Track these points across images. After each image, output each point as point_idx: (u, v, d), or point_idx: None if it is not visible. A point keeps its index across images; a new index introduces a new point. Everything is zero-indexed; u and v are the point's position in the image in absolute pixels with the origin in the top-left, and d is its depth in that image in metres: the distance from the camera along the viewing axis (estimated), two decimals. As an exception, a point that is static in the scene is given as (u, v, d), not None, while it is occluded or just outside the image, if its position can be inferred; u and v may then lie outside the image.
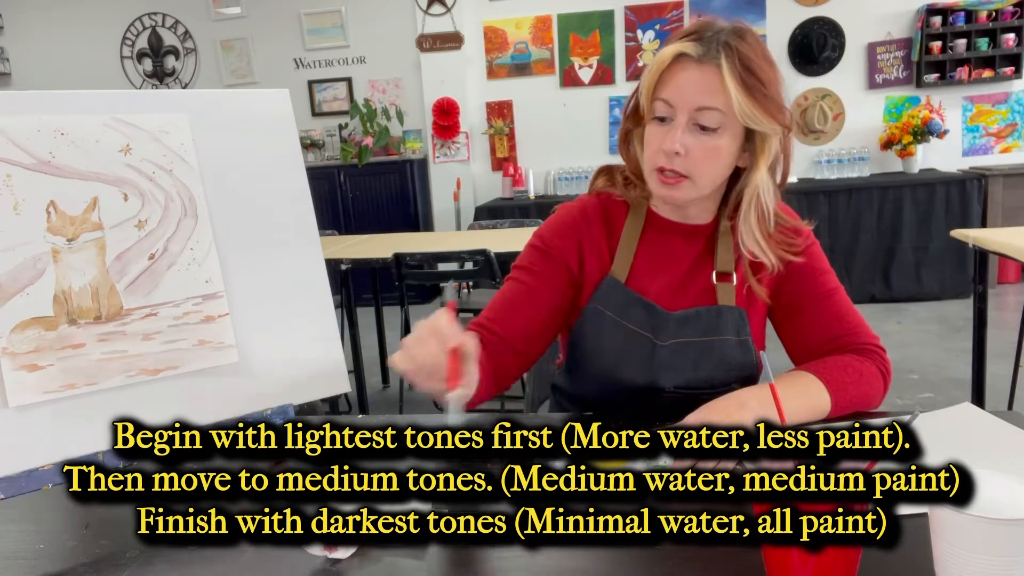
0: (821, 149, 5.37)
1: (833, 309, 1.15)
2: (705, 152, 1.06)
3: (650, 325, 1.14)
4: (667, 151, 1.06)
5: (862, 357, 1.12)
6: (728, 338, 1.14)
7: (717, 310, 1.14)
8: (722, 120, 1.05)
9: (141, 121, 0.97)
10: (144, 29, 6.10)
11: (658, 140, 1.08)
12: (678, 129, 1.05)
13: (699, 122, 1.05)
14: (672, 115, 1.06)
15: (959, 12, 5.09)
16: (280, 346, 1.04)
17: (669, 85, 1.06)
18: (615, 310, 1.15)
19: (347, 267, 3.14)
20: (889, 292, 4.91)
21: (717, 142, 1.06)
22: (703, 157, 1.06)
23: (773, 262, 1.13)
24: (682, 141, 1.05)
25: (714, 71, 1.03)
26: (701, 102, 1.04)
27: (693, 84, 1.04)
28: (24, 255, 0.88)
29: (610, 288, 1.16)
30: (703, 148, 1.06)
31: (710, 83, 1.03)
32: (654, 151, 1.09)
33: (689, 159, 1.06)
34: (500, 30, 5.68)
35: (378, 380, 3.96)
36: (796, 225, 1.17)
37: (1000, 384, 2.97)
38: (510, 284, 1.19)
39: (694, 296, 1.16)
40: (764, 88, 1.04)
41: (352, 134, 5.75)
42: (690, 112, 1.05)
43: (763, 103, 1.04)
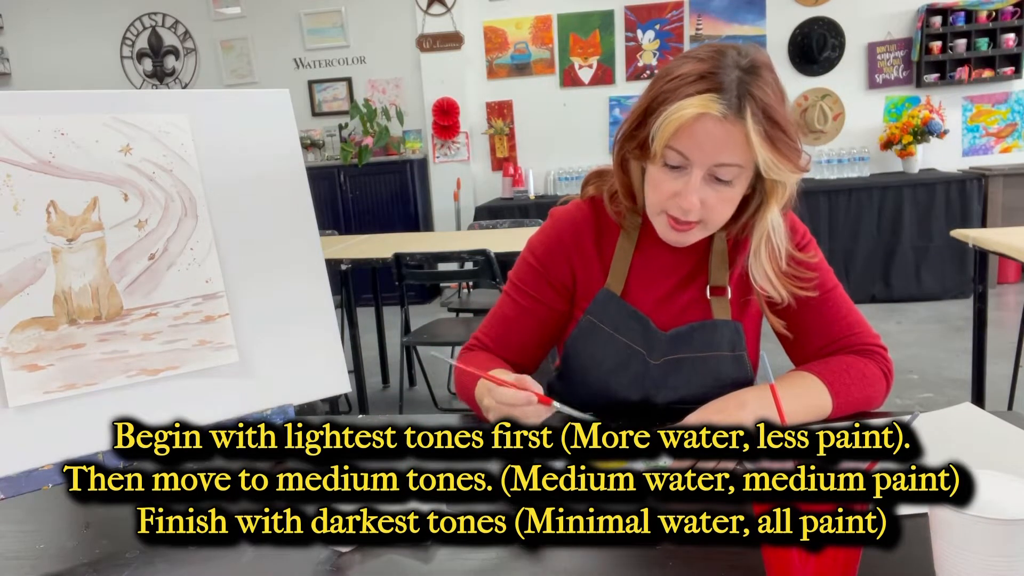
0: (821, 149, 5.37)
1: (833, 309, 1.14)
2: (719, 201, 1.02)
3: (644, 341, 1.13)
4: (684, 208, 1.01)
5: (864, 358, 1.11)
6: (723, 354, 1.13)
7: (712, 325, 1.13)
8: (739, 173, 1.01)
9: (141, 121, 0.97)
10: (144, 29, 6.10)
11: (669, 188, 1.02)
12: (695, 186, 1.00)
13: (715, 175, 1.00)
14: (686, 166, 1.00)
15: (959, 12, 5.09)
16: (280, 346, 1.04)
17: (688, 139, 0.98)
18: (610, 324, 1.14)
19: (347, 267, 3.14)
20: (889, 292, 4.90)
21: (732, 192, 1.02)
22: (717, 205, 1.02)
23: (784, 297, 1.10)
24: (700, 193, 1.01)
25: (738, 129, 0.96)
26: (721, 159, 0.98)
27: (715, 142, 0.97)
28: (24, 255, 0.88)
29: (606, 301, 1.15)
30: (718, 198, 1.02)
31: (733, 141, 0.97)
32: (663, 198, 1.04)
33: (703, 208, 1.02)
34: (500, 30, 5.68)
35: (378, 380, 3.96)
36: (807, 260, 1.12)
37: (1000, 384, 2.97)
38: (505, 301, 1.22)
39: (687, 308, 1.15)
40: (785, 136, 0.98)
41: (352, 134, 5.75)
42: (708, 168, 0.99)
43: (786, 153, 0.99)
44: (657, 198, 1.05)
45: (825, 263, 1.16)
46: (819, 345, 1.14)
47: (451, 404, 3.55)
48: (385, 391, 3.90)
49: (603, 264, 1.17)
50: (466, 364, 1.11)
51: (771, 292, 1.10)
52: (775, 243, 1.08)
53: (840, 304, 1.15)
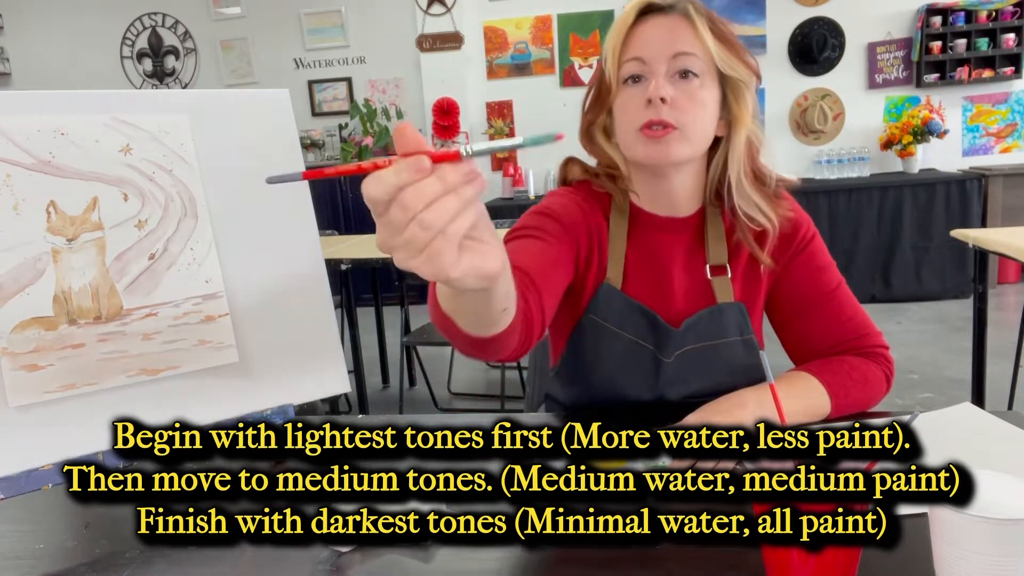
0: (821, 149, 5.37)
1: (837, 309, 1.12)
2: (690, 99, 1.03)
3: (653, 338, 1.10)
4: (652, 98, 1.01)
5: (867, 360, 1.11)
6: (732, 339, 1.11)
7: (718, 310, 1.10)
8: (701, 67, 1.03)
9: (141, 121, 0.97)
10: (144, 29, 6.10)
11: (638, 100, 1.03)
12: (659, 78, 1.02)
13: (679, 69, 1.03)
14: (647, 72, 1.03)
15: (959, 12, 5.09)
16: (280, 346, 1.04)
17: (639, 41, 1.04)
18: (614, 321, 1.11)
19: (347, 267, 3.14)
20: (889, 292, 4.91)
21: (700, 91, 1.03)
22: (689, 105, 1.02)
23: (776, 223, 1.09)
24: (666, 89, 1.01)
25: (684, 20, 1.03)
26: (678, 48, 1.02)
27: (666, 33, 1.03)
28: (24, 255, 0.88)
29: (608, 297, 1.11)
30: (687, 95, 1.03)
31: (682, 31, 1.03)
32: (635, 108, 1.03)
33: (675, 108, 1.02)
34: (500, 30, 5.68)
35: (378, 380, 3.96)
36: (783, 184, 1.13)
37: (1000, 384, 2.97)
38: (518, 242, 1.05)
39: (690, 295, 1.12)
40: (728, 32, 1.05)
41: (352, 134, 5.75)
42: (668, 61, 1.02)
43: (736, 49, 1.04)
44: (628, 117, 1.05)
45: (829, 258, 1.15)
46: (824, 347, 1.13)
47: (451, 404, 3.55)
48: (385, 391, 3.90)
49: (601, 257, 1.12)
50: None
51: (762, 219, 1.09)
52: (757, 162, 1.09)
53: (845, 303, 1.13)
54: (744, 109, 1.06)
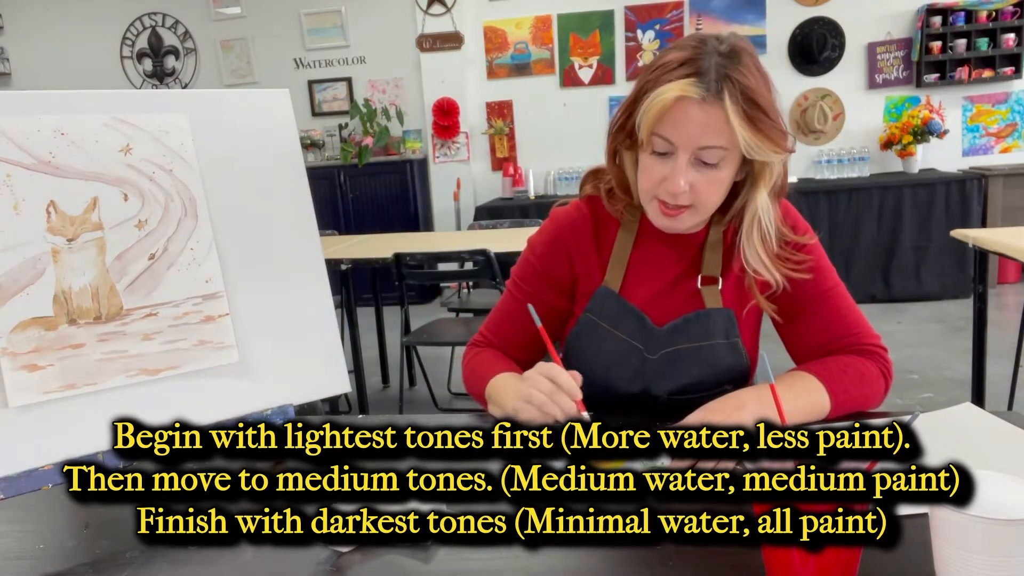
0: (821, 149, 5.37)
1: (834, 308, 1.14)
2: (708, 184, 1.04)
3: (641, 337, 1.16)
4: (671, 192, 1.04)
5: (863, 358, 1.12)
6: (717, 342, 1.15)
7: (705, 314, 1.14)
8: (725, 155, 1.03)
9: (141, 121, 0.97)
10: (144, 29, 6.10)
11: (658, 174, 1.05)
12: (681, 169, 1.03)
13: (701, 159, 1.02)
14: (672, 151, 1.03)
15: (959, 12, 5.09)
16: (280, 346, 1.04)
17: (670, 124, 1.02)
18: (609, 320, 1.16)
19: (347, 267, 3.14)
20: (889, 292, 4.91)
21: (720, 175, 1.04)
22: (706, 189, 1.05)
23: (779, 280, 1.11)
24: (686, 179, 1.03)
25: (718, 111, 0.99)
26: (705, 142, 1.01)
27: (696, 125, 1.00)
28: (24, 255, 0.88)
29: (604, 298, 1.17)
30: (706, 181, 1.04)
31: (714, 123, 1.00)
32: (653, 184, 1.06)
33: (693, 191, 1.04)
34: (500, 30, 5.68)
35: (378, 380, 3.96)
36: (801, 241, 1.14)
37: (1000, 384, 2.97)
38: (508, 298, 1.25)
39: (680, 302, 1.16)
40: (767, 117, 1.01)
41: (352, 134, 5.75)
42: (693, 151, 1.02)
43: (768, 133, 1.01)
44: (647, 184, 1.08)
45: (827, 261, 1.16)
46: (819, 344, 1.15)
47: (451, 404, 3.55)
48: (385, 391, 3.90)
49: (602, 261, 1.19)
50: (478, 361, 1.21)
51: (765, 274, 1.11)
52: (765, 224, 1.10)
53: (841, 303, 1.15)
54: (763, 180, 1.07)
